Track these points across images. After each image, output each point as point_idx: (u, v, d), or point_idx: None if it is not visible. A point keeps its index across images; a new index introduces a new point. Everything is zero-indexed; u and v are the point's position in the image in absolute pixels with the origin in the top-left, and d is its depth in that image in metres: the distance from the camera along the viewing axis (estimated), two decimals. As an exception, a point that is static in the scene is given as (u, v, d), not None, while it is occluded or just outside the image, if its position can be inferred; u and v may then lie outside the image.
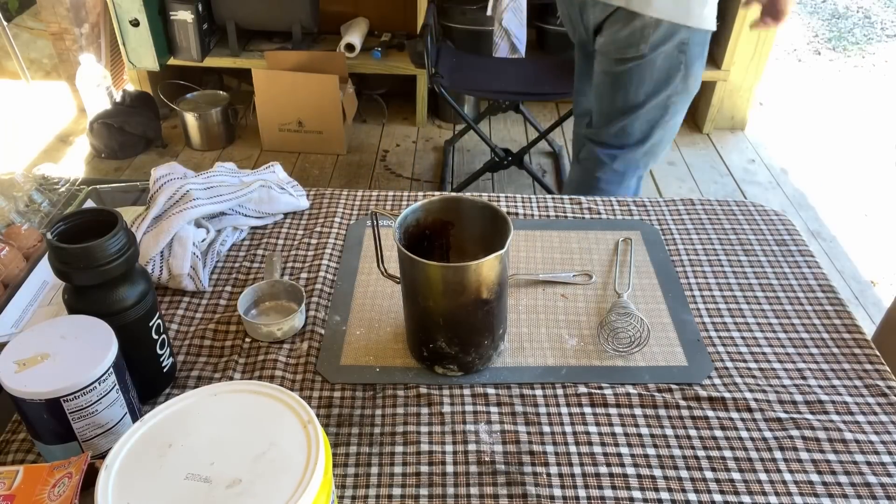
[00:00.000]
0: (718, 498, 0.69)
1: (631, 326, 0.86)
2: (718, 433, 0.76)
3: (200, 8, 2.76)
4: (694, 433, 0.76)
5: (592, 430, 0.76)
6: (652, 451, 0.74)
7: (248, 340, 0.87)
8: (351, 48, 2.88)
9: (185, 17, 2.74)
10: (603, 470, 0.72)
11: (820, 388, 0.81)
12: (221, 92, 2.94)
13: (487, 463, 0.72)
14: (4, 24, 2.73)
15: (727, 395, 0.80)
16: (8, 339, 0.75)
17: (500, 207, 0.86)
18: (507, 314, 0.85)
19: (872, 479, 0.71)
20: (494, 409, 0.78)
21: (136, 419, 0.69)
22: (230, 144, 2.90)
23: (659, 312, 0.92)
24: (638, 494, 0.69)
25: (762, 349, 0.87)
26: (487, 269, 0.74)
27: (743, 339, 0.88)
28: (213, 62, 2.92)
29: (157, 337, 0.76)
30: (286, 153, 2.83)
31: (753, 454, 0.73)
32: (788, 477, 0.71)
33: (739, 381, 0.82)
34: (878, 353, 0.86)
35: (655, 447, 0.74)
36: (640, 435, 0.75)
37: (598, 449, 0.74)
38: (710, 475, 0.71)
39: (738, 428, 0.76)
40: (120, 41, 2.77)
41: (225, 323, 0.89)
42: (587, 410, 0.78)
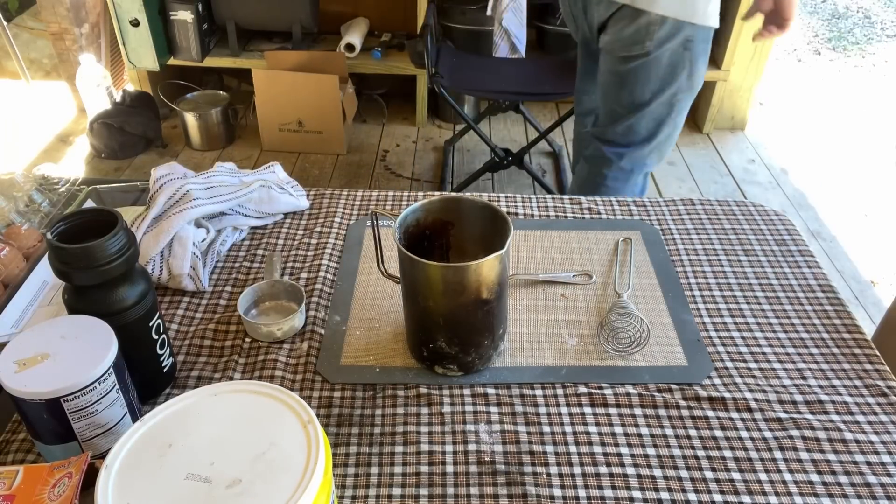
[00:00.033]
0: (718, 498, 0.69)
1: (631, 326, 0.86)
2: (718, 433, 0.76)
3: (200, 8, 2.76)
4: (694, 433, 0.76)
5: (592, 430, 0.76)
6: (652, 451, 0.74)
7: (248, 340, 0.87)
8: (351, 48, 2.88)
9: (185, 17, 2.74)
10: (603, 470, 0.72)
11: (820, 388, 0.81)
12: (221, 92, 2.94)
13: (487, 463, 0.72)
14: (4, 24, 2.73)
15: (727, 395, 0.80)
16: (8, 339, 0.75)
17: (500, 207, 0.86)
18: (507, 314, 0.85)
19: (872, 479, 0.71)
20: (494, 409, 0.78)
21: (136, 419, 0.69)
22: (230, 144, 2.90)
23: (659, 312, 0.92)
24: (638, 494, 0.69)
25: (762, 349, 0.87)
26: (487, 269, 0.74)
27: (743, 339, 0.88)
28: (213, 62, 2.92)
29: (157, 337, 0.76)
30: (286, 153, 2.83)
31: (753, 454, 0.73)
32: (788, 477, 0.71)
33: (739, 381, 0.82)
34: (878, 353, 0.86)
35: (655, 447, 0.74)
36: (640, 435, 0.75)
37: (598, 449, 0.74)
38: (710, 475, 0.71)
39: (738, 428, 0.76)
40: (120, 41, 2.77)
41: (225, 323, 0.89)
42: (587, 410, 0.78)
